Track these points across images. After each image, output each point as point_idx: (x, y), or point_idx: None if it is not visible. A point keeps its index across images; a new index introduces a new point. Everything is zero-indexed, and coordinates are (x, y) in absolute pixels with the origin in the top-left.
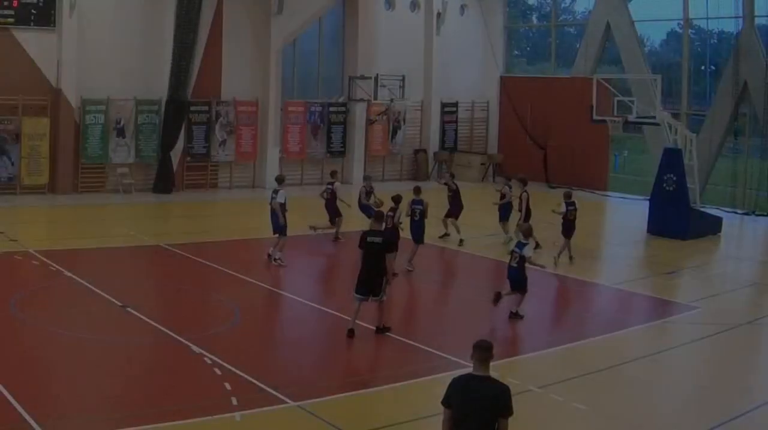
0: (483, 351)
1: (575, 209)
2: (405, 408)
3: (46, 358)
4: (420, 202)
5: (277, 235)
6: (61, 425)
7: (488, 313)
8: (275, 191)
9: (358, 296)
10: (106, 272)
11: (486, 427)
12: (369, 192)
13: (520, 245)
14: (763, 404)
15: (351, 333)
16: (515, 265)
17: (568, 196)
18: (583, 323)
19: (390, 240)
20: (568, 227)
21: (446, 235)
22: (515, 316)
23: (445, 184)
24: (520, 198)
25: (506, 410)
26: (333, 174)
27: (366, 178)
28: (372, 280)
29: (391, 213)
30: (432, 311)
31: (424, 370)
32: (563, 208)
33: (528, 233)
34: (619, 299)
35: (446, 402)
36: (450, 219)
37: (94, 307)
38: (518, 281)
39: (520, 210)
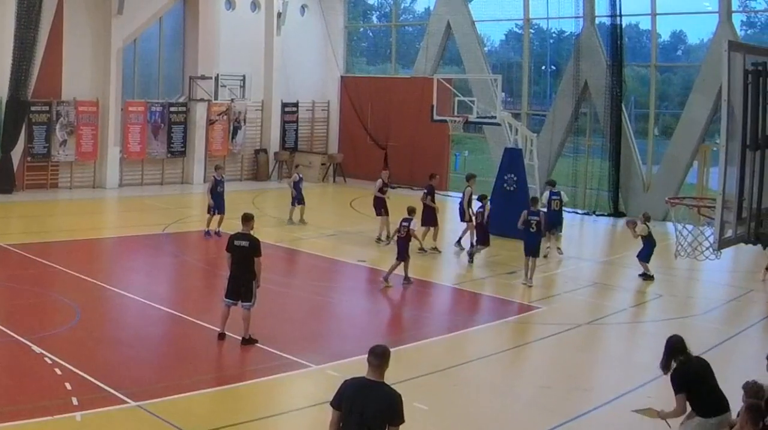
0: (377, 357)
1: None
2: (246, 408)
3: None
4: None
5: None
6: None
7: (329, 312)
8: None
9: (228, 300)
10: None
11: None
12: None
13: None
14: (603, 403)
15: (221, 337)
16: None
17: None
18: (423, 323)
19: (257, 244)
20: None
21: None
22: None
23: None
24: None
25: (398, 418)
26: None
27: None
28: (241, 285)
29: (405, 223)
30: (272, 311)
31: (265, 370)
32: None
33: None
34: (460, 299)
35: (336, 403)
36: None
37: None
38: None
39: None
